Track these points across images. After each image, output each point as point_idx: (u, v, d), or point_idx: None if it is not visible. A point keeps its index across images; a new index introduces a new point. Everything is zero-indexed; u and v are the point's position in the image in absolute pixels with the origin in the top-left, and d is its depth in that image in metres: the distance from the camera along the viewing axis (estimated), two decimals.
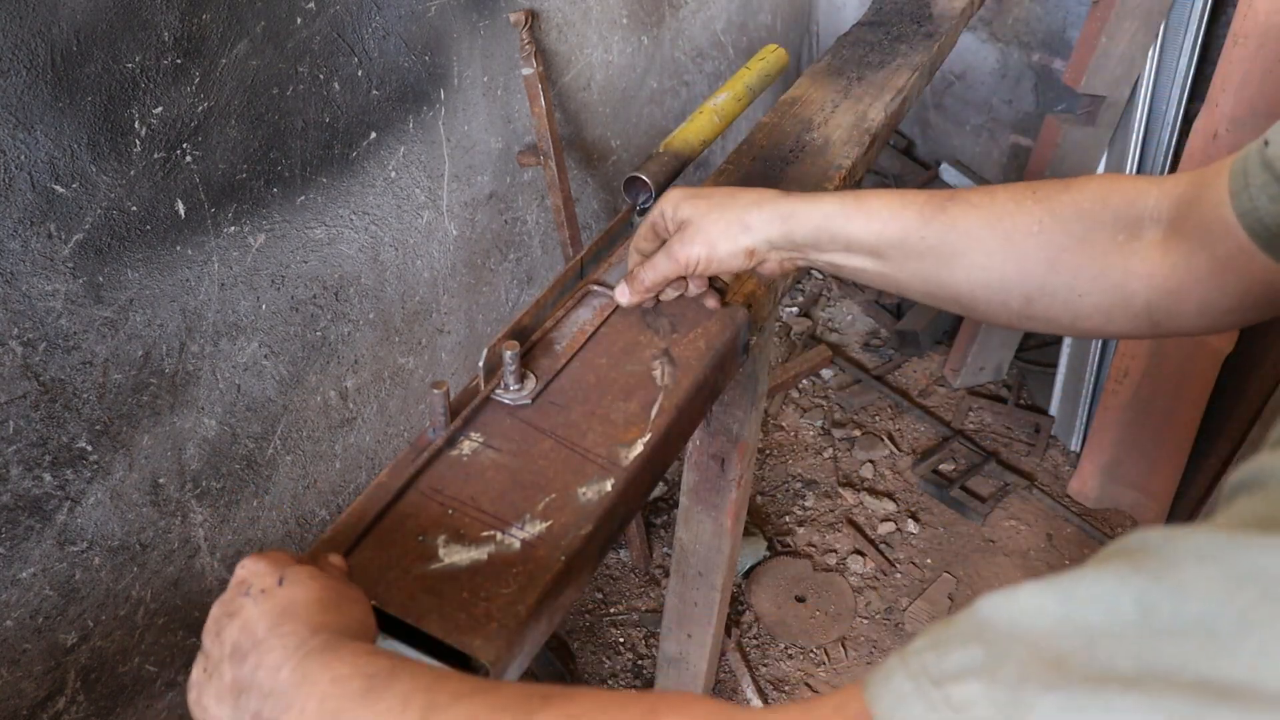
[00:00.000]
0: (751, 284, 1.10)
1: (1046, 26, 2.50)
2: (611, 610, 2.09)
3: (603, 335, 0.98)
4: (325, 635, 0.61)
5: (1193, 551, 0.36)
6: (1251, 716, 0.32)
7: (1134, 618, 0.35)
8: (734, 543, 1.53)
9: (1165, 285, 0.73)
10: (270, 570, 0.66)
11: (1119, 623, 0.35)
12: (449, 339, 1.73)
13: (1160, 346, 2.08)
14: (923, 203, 0.81)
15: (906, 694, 0.38)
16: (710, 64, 2.33)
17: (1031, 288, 0.77)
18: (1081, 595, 0.37)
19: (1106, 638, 0.35)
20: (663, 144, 1.11)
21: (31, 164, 0.98)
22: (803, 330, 2.72)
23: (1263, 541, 0.35)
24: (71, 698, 1.22)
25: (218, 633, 0.65)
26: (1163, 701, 0.33)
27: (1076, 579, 0.37)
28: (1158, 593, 0.35)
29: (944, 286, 0.81)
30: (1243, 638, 0.33)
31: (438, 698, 0.55)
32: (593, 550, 0.82)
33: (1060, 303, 0.77)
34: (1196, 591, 0.35)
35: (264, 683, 0.60)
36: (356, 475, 1.61)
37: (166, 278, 1.16)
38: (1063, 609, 0.37)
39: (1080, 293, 0.76)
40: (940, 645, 0.39)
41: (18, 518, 1.08)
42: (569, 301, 1.01)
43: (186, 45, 1.09)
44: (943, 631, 0.39)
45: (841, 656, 2.03)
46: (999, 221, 0.78)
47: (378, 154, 1.42)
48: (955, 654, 0.38)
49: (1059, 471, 2.38)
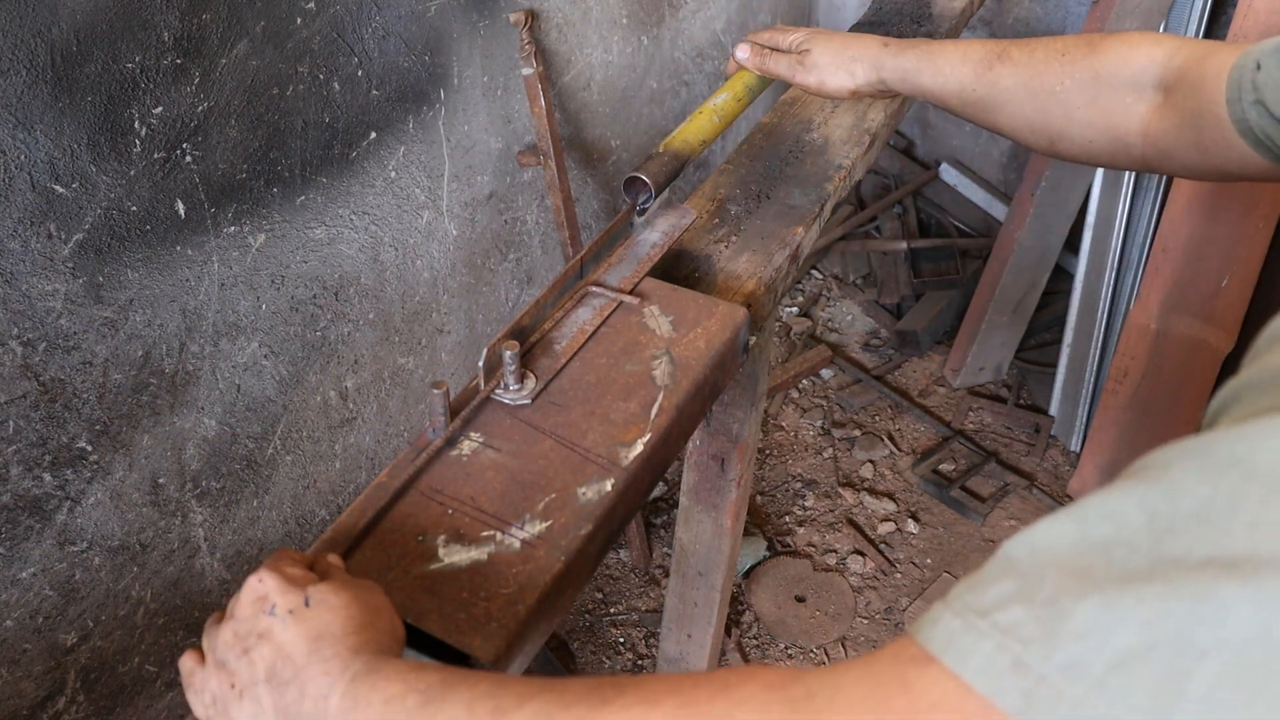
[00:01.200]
0: (751, 284, 1.10)
1: (1046, 26, 2.50)
2: (611, 610, 2.09)
3: (603, 335, 0.98)
4: (367, 656, 0.62)
5: (1179, 456, 0.41)
6: (1255, 580, 0.36)
7: (1140, 523, 0.39)
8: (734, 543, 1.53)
9: (1159, 144, 0.89)
10: (293, 589, 0.65)
11: (1129, 530, 0.40)
12: (449, 339, 1.73)
13: (1160, 346, 2.08)
14: (977, 60, 1.00)
15: (956, 629, 0.42)
16: (710, 64, 2.33)
17: (1053, 134, 0.96)
18: (1092, 515, 0.41)
19: (1120, 546, 0.39)
20: (662, 144, 1.11)
21: (31, 164, 0.98)
22: (803, 330, 2.72)
23: (1237, 432, 0.40)
24: (71, 698, 1.22)
25: (245, 651, 0.65)
26: (1179, 584, 0.37)
27: (1085, 503, 0.42)
28: (1155, 496, 0.40)
29: (990, 124, 1.03)
30: (1233, 516, 0.38)
31: (503, 702, 0.55)
32: (593, 550, 0.82)
33: (1076, 146, 0.96)
34: (1188, 488, 0.39)
35: (311, 712, 0.61)
36: (356, 475, 1.61)
37: (166, 278, 1.16)
38: (1078, 530, 0.41)
39: (1090, 140, 0.94)
40: (976, 586, 0.42)
41: (18, 518, 1.08)
42: (569, 301, 1.01)
43: (186, 45, 1.09)
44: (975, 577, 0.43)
45: (841, 656, 2.03)
46: (1030, 80, 0.96)
47: (378, 154, 1.42)
48: (991, 589, 0.42)
49: (1059, 471, 2.38)
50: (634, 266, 1.05)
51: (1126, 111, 0.90)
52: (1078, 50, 0.94)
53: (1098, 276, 2.28)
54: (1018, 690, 0.39)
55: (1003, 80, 0.98)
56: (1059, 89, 0.94)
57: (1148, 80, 0.89)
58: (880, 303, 2.76)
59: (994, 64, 0.99)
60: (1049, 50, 0.96)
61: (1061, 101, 0.94)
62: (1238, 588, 0.36)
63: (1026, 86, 0.97)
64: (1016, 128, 1.00)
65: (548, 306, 0.99)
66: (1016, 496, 2.32)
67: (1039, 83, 0.96)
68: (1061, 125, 0.95)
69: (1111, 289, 2.29)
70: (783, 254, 1.15)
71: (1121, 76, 0.90)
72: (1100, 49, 0.92)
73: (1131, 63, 0.90)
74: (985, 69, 1.00)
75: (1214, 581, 0.36)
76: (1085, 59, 0.93)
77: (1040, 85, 0.95)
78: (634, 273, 1.04)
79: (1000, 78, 0.99)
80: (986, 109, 1.01)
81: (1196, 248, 1.99)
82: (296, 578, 0.67)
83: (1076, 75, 0.93)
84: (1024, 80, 0.97)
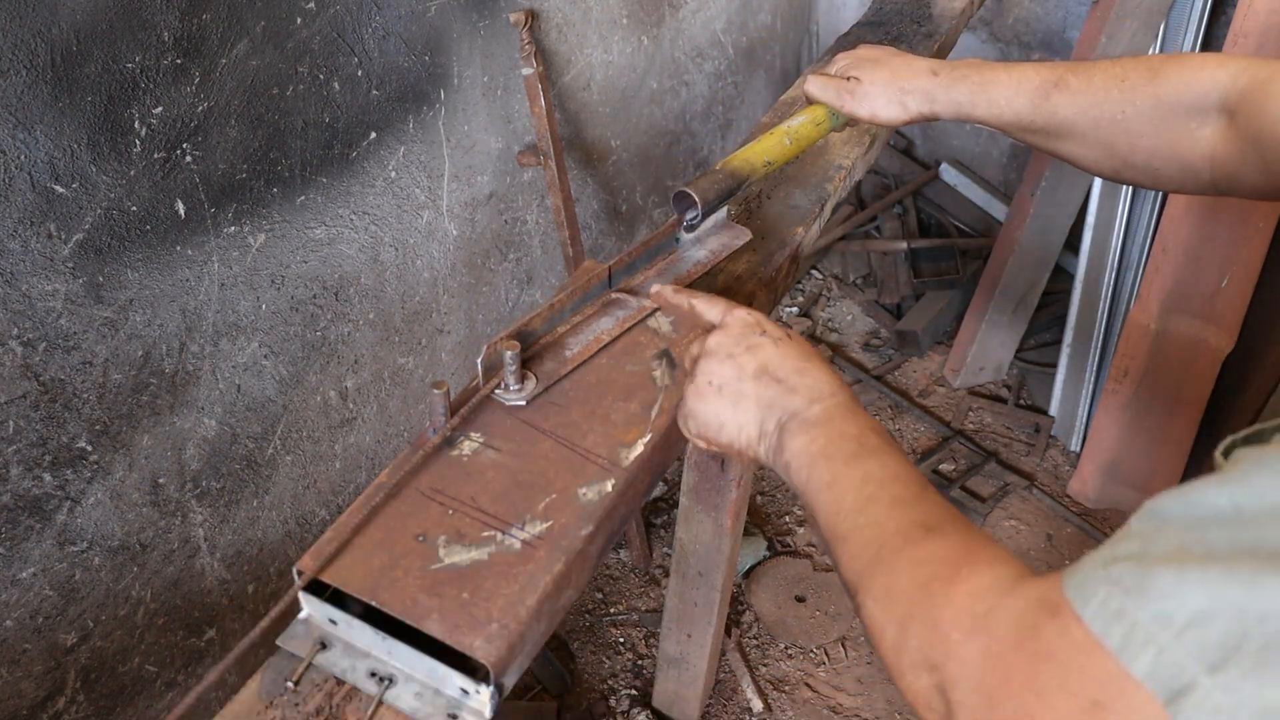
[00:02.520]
0: (751, 284, 1.10)
1: (1046, 26, 2.50)
2: (611, 610, 2.09)
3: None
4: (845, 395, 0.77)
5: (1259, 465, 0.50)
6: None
7: (1230, 513, 0.49)
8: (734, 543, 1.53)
9: (1225, 168, 0.88)
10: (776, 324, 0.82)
11: (1221, 516, 0.49)
12: (449, 339, 1.73)
13: (1160, 346, 2.08)
14: (1033, 89, 0.99)
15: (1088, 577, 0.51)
16: (710, 64, 2.33)
17: (1118, 163, 0.95)
18: (1195, 500, 0.50)
19: (1212, 526, 0.49)
20: (721, 161, 1.05)
21: (31, 164, 0.98)
22: (803, 330, 2.72)
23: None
24: (71, 698, 1.22)
25: (730, 356, 0.80)
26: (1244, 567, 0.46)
27: (1194, 488, 0.51)
28: (1241, 494, 0.49)
29: (1052, 152, 1.02)
30: None
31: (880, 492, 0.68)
32: (593, 550, 0.82)
33: (1142, 173, 0.95)
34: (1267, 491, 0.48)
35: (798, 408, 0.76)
36: (356, 475, 1.61)
37: (166, 278, 1.16)
38: (1183, 509, 0.51)
39: (1156, 167, 0.93)
40: (1116, 541, 0.52)
41: (18, 518, 1.08)
42: (591, 309, 0.99)
43: (186, 45, 1.09)
44: (1121, 530, 0.53)
45: (841, 656, 2.03)
46: (1090, 109, 0.95)
47: (378, 154, 1.42)
48: (1121, 546, 0.51)
49: (1059, 471, 2.38)
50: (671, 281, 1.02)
51: (1191, 136, 0.89)
52: (1137, 75, 0.92)
53: (1098, 276, 2.28)
54: (1119, 633, 0.48)
55: (1061, 110, 0.96)
56: (1120, 117, 0.92)
57: (1211, 104, 0.87)
58: (880, 303, 2.76)
59: (1051, 93, 0.97)
60: (1107, 76, 0.94)
61: (1125, 130, 0.92)
62: None
63: (1087, 115, 0.95)
64: (1080, 156, 0.98)
65: (565, 312, 0.97)
66: (1016, 496, 2.32)
67: (1100, 111, 0.94)
68: (1126, 153, 0.94)
69: (1111, 289, 2.29)
70: (783, 254, 1.15)
71: (1184, 102, 0.89)
72: (1161, 74, 0.91)
73: (1194, 87, 0.88)
74: (1042, 98, 0.98)
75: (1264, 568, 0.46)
76: (1146, 85, 0.91)
77: (1101, 114, 0.94)
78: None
79: (1059, 107, 0.97)
80: (1048, 137, 0.99)
81: (1196, 248, 1.99)
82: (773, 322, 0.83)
83: (1138, 102, 0.91)
84: (1084, 109, 0.95)
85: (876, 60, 1.12)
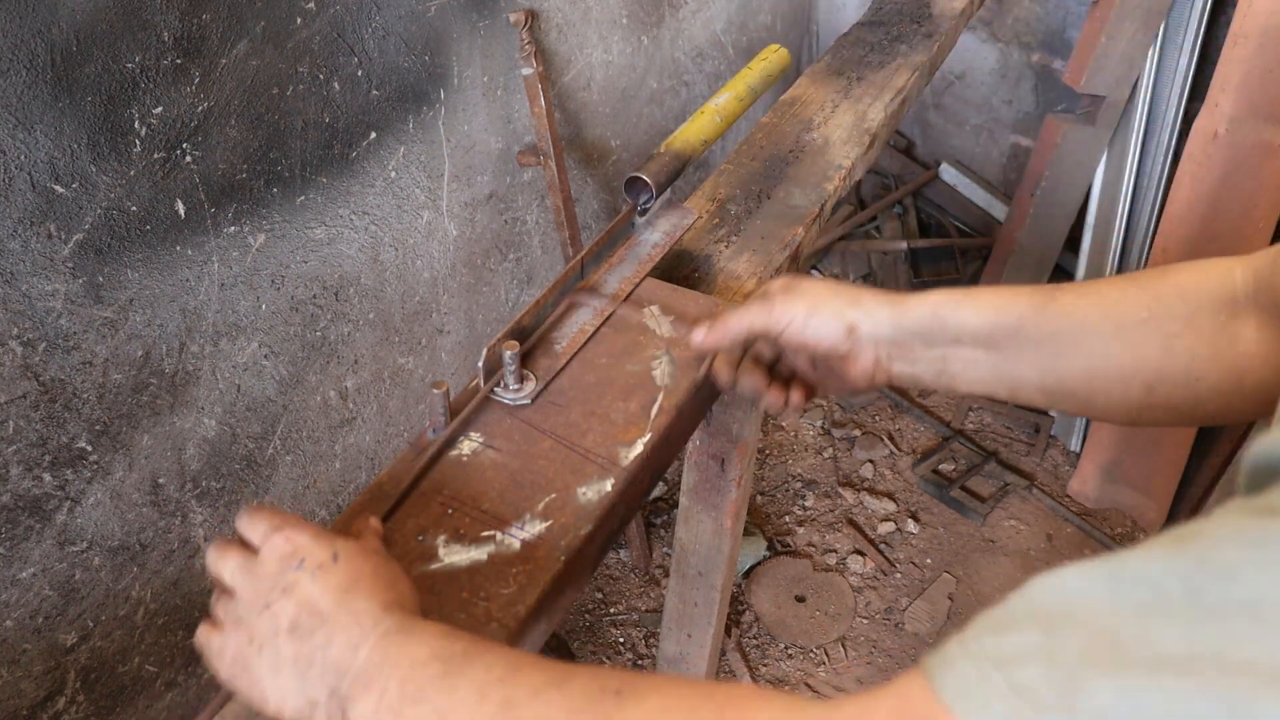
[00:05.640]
0: (751, 284, 1.10)
1: (1046, 26, 2.50)
2: (611, 610, 2.09)
3: (603, 335, 0.98)
4: (399, 615, 0.63)
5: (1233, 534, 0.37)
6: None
7: (1182, 599, 0.36)
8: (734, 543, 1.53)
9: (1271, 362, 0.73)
10: (321, 546, 0.66)
11: (1167, 603, 0.36)
12: (449, 339, 1.73)
13: None
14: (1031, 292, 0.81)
15: (970, 678, 0.39)
16: (710, 64, 2.33)
17: (1149, 375, 0.76)
18: (1129, 575, 0.38)
19: (1156, 616, 0.36)
20: (664, 144, 1.11)
21: (31, 164, 0.98)
22: None
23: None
24: (71, 698, 1.22)
25: (266, 606, 0.64)
26: (1214, 684, 0.34)
27: (1124, 559, 0.39)
28: (1203, 575, 0.36)
29: (1062, 379, 0.80)
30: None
31: (514, 691, 0.55)
32: (593, 550, 0.82)
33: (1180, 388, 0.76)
34: (1243, 575, 0.36)
35: (339, 660, 0.61)
36: (356, 475, 1.61)
37: (166, 278, 1.16)
38: (1111, 588, 0.38)
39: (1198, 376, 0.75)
40: (999, 629, 0.40)
41: (18, 518, 1.08)
42: (568, 302, 1.01)
43: (186, 45, 1.09)
44: (998, 615, 0.41)
45: (841, 656, 2.03)
46: (1109, 309, 0.78)
47: (378, 154, 1.42)
48: (1014, 637, 0.39)
49: (1059, 471, 2.38)
50: (635, 267, 1.05)
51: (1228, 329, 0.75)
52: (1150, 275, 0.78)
53: (1098, 276, 2.28)
54: None
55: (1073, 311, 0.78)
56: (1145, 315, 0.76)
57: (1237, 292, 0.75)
58: None
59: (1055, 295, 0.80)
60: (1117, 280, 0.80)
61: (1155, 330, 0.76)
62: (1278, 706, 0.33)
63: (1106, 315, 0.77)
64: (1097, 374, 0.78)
65: (548, 307, 0.99)
66: (1016, 496, 2.32)
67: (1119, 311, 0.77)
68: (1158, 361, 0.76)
69: None
70: (783, 254, 1.15)
71: (1206, 291, 0.75)
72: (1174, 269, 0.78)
73: (1212, 275, 0.76)
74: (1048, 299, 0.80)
75: (1253, 691, 0.34)
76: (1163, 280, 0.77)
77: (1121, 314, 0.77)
78: (635, 273, 1.04)
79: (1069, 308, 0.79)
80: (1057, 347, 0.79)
81: (1196, 248, 1.99)
82: (323, 534, 0.67)
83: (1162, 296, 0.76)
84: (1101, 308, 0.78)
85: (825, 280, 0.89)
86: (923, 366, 0.84)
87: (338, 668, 0.61)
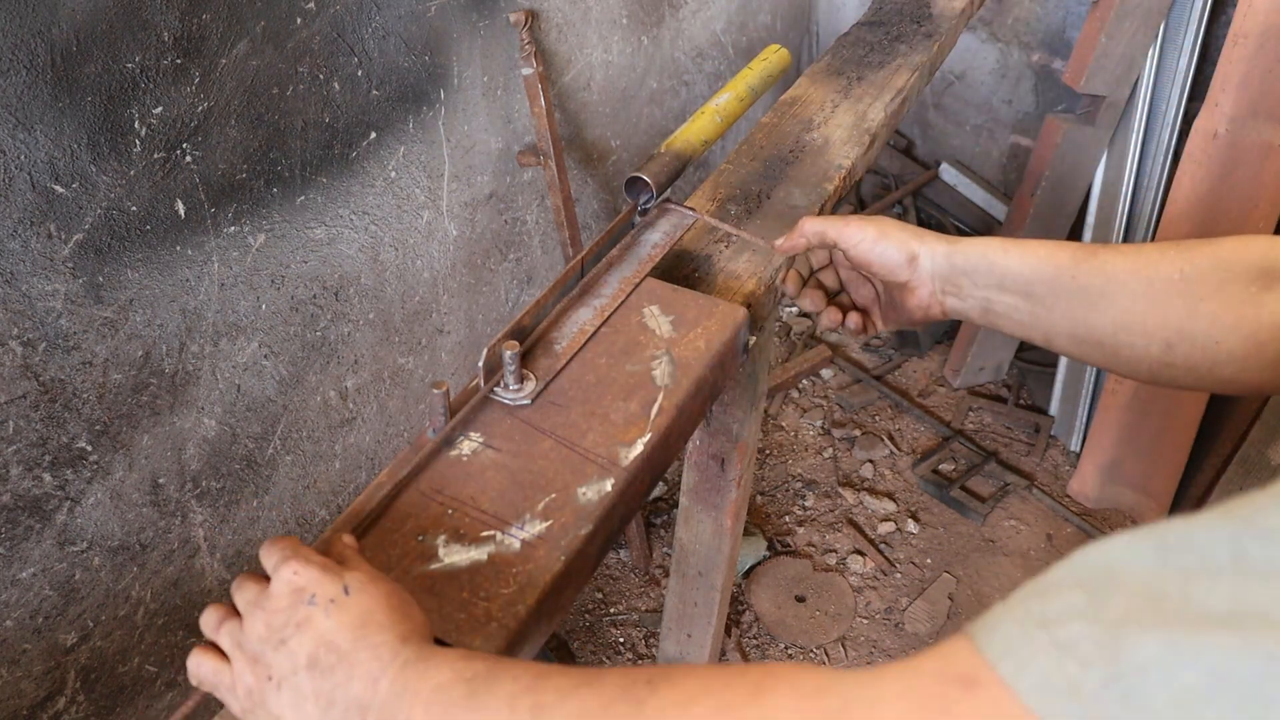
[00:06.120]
0: (751, 284, 1.10)
1: (1046, 26, 2.50)
2: (611, 610, 2.09)
3: (603, 335, 0.98)
4: (416, 644, 0.63)
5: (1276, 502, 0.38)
6: None
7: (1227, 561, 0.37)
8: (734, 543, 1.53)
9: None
10: (331, 579, 0.66)
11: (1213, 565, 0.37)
12: (449, 339, 1.73)
13: None
14: (1075, 247, 0.86)
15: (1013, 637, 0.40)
16: (710, 64, 2.33)
17: (1171, 333, 0.81)
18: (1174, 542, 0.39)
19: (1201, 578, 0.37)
20: (664, 144, 1.11)
21: (31, 164, 0.98)
22: (803, 330, 2.72)
23: None
24: (71, 698, 1.22)
25: (282, 642, 0.64)
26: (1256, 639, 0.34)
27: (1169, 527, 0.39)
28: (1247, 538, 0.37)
29: (1090, 329, 0.85)
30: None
31: (543, 697, 0.55)
32: (593, 550, 0.82)
33: (1199, 349, 0.80)
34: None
35: (360, 696, 0.61)
36: (356, 475, 1.61)
37: (166, 278, 1.16)
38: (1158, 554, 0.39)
39: (1217, 339, 0.79)
40: (1044, 593, 0.40)
41: (18, 518, 1.08)
42: (568, 302, 1.01)
43: (186, 45, 1.09)
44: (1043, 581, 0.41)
45: (841, 656, 2.03)
46: (1144, 269, 0.83)
47: (378, 154, 1.42)
48: (1059, 599, 0.40)
49: (1059, 471, 2.38)
50: (635, 267, 1.05)
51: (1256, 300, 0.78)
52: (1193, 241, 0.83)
53: None
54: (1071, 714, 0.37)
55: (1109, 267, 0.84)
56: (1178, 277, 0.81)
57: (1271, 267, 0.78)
58: None
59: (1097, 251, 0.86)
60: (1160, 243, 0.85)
61: (1183, 291, 0.81)
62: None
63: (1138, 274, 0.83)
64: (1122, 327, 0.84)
65: (548, 307, 0.99)
66: (1016, 496, 2.32)
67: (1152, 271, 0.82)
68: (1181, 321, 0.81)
69: None
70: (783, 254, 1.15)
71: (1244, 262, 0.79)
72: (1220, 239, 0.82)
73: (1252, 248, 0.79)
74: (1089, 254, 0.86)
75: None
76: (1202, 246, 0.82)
77: (1154, 273, 0.82)
78: (635, 273, 1.04)
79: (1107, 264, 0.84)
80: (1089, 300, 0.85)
81: None
82: (331, 567, 0.67)
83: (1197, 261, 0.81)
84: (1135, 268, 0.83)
85: None
86: (971, 304, 0.92)
87: (360, 703, 0.61)
